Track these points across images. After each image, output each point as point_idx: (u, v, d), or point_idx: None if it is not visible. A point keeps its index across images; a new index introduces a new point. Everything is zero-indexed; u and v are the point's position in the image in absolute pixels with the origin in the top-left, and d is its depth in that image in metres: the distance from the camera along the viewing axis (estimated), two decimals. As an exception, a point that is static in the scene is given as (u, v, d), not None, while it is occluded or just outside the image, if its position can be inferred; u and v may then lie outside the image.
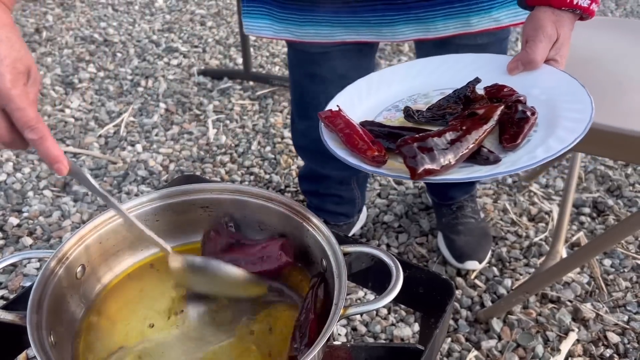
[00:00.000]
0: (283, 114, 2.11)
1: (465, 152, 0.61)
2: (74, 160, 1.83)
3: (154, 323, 0.68)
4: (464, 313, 1.33)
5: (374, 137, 0.68)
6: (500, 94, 0.74)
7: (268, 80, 2.28)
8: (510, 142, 0.65)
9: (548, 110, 0.71)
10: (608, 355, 1.23)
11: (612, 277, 1.43)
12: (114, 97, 2.19)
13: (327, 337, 0.56)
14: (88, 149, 1.89)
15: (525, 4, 0.83)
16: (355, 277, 0.78)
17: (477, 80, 0.78)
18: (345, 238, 0.75)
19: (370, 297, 1.35)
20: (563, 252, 1.42)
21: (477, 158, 0.63)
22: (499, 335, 1.27)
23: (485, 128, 0.64)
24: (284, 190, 1.74)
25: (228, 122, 2.06)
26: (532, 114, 0.68)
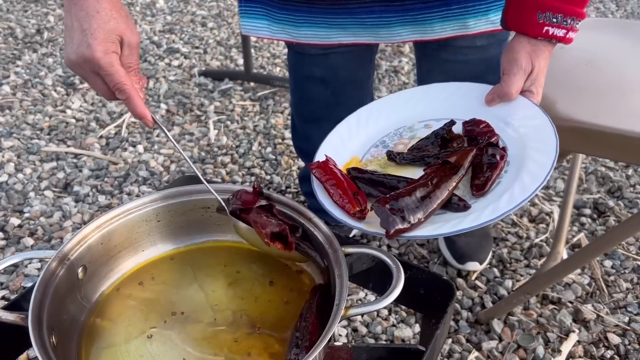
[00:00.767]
0: (284, 115, 2.11)
1: (435, 207, 0.67)
2: (75, 161, 1.84)
3: (155, 325, 0.68)
4: (465, 314, 1.33)
5: (358, 183, 0.75)
6: (476, 132, 0.79)
7: (269, 81, 2.28)
8: (479, 190, 0.70)
9: (518, 149, 0.75)
10: (609, 357, 1.23)
11: (612, 278, 1.43)
12: (115, 98, 2.19)
13: (328, 337, 0.56)
14: (89, 150, 1.89)
15: (507, 27, 0.85)
16: (356, 277, 0.78)
17: (452, 123, 0.82)
18: (347, 239, 0.76)
19: (371, 298, 1.35)
20: (564, 253, 1.42)
21: (448, 206, 0.69)
22: (500, 336, 1.27)
23: (456, 179, 0.69)
24: (285, 191, 1.74)
25: (229, 123, 2.07)
26: (501, 158, 0.73)
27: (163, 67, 2.43)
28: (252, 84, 2.31)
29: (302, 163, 1.82)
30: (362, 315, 1.32)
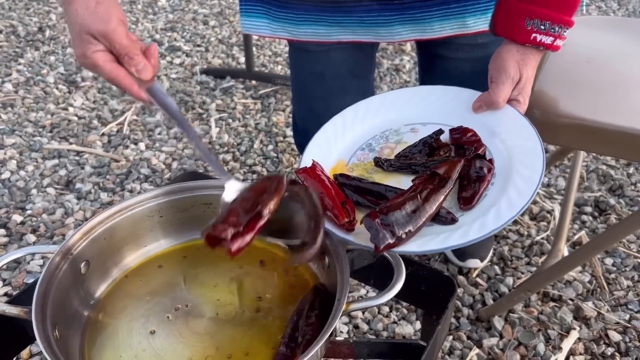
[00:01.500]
0: (285, 113, 2.11)
1: (424, 221, 0.67)
2: (77, 159, 1.84)
3: (158, 320, 0.69)
4: (466, 311, 1.33)
5: (346, 191, 0.74)
6: (463, 140, 0.79)
7: (270, 80, 2.28)
8: (467, 204, 0.70)
9: (505, 162, 0.75)
10: (609, 354, 1.23)
11: (613, 275, 1.43)
12: (117, 95, 2.20)
13: (330, 330, 0.57)
14: (91, 147, 1.90)
15: (495, 32, 0.85)
16: (357, 273, 0.78)
17: (440, 132, 0.82)
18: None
19: (372, 295, 1.36)
20: (565, 250, 1.42)
21: (436, 218, 0.69)
22: (501, 334, 1.28)
23: (444, 192, 0.69)
24: (286, 189, 1.74)
25: (230, 120, 2.07)
26: (488, 171, 0.73)
27: (165, 65, 2.44)
28: (253, 82, 2.31)
29: (303, 161, 1.82)
30: (363, 312, 1.33)
